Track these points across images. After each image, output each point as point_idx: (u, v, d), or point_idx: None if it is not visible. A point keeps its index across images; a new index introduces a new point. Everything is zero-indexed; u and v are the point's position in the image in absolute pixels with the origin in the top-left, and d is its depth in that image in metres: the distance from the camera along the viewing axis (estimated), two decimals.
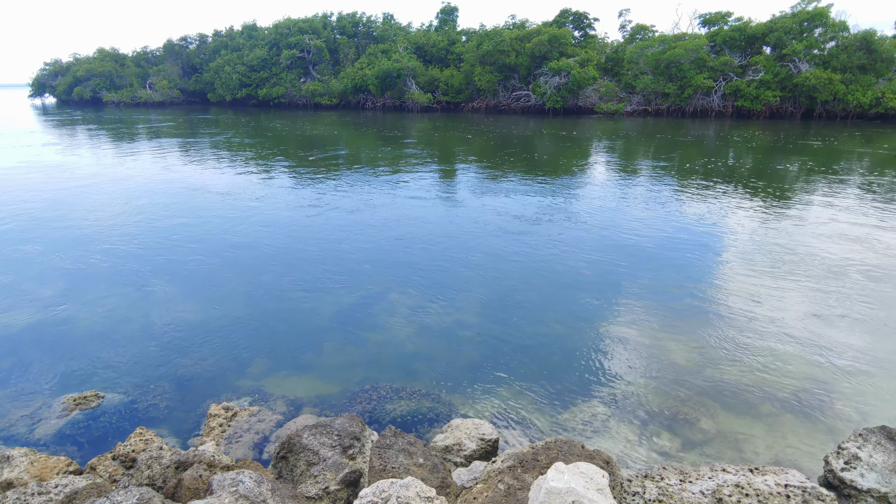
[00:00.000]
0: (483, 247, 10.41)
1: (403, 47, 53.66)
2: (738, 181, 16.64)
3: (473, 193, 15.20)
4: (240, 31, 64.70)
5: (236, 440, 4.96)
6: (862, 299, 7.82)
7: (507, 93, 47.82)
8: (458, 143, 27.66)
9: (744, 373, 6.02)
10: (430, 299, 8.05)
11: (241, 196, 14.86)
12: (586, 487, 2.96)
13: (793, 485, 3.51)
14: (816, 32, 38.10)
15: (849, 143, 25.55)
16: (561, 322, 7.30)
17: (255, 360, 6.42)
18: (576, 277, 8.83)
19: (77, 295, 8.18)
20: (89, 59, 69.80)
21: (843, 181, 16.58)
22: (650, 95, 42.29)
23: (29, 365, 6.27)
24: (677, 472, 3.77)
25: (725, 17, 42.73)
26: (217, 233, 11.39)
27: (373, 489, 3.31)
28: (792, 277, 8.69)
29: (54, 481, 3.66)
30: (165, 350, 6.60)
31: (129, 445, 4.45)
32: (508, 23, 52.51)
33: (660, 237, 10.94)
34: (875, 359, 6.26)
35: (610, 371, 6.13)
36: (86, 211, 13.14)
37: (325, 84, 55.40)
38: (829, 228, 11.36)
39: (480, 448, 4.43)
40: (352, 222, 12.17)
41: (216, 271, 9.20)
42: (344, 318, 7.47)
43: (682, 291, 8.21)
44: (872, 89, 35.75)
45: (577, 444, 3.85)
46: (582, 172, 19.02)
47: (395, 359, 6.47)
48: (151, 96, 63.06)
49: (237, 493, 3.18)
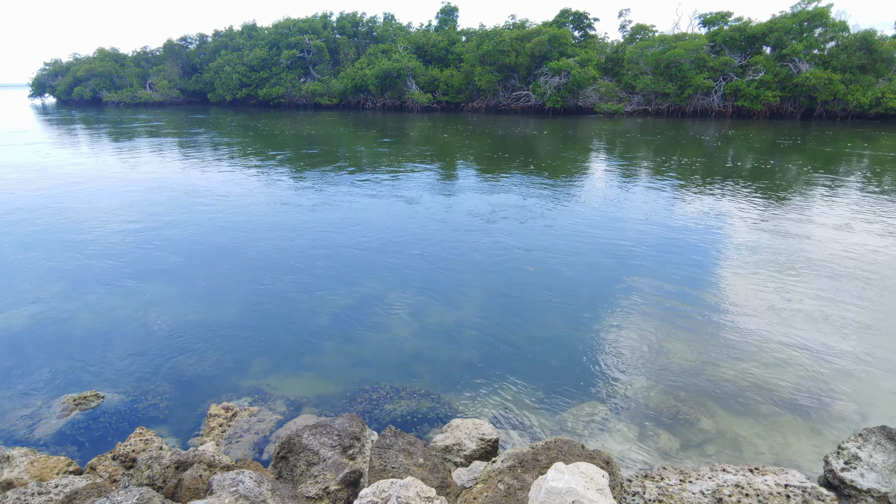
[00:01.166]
0: (483, 246, 10.41)
1: (403, 47, 53.66)
2: (737, 181, 16.63)
3: (473, 193, 15.20)
4: (240, 31, 64.74)
5: (236, 440, 4.96)
6: (862, 299, 7.82)
7: (507, 93, 47.83)
8: (457, 143, 27.66)
9: (744, 373, 6.02)
10: (429, 299, 8.05)
11: (241, 196, 14.87)
12: (586, 487, 2.96)
13: (793, 485, 3.51)
14: (816, 32, 38.12)
15: (849, 143, 25.55)
16: (561, 322, 7.30)
17: (255, 360, 6.42)
18: (576, 277, 8.83)
19: (77, 295, 8.18)
20: (89, 59, 69.85)
21: (843, 181, 16.59)
22: (650, 95, 42.31)
23: (29, 365, 6.27)
24: (677, 472, 3.77)
25: (725, 17, 42.75)
26: (217, 233, 11.39)
27: (373, 489, 3.31)
28: (792, 277, 8.69)
29: (54, 481, 3.66)
30: (165, 350, 6.60)
31: (129, 445, 4.46)
32: (508, 23, 52.56)
33: (659, 237, 10.94)
34: (875, 359, 6.26)
35: (610, 371, 6.14)
36: (84, 211, 13.14)
37: (325, 84, 55.42)
38: (829, 228, 11.36)
39: (480, 448, 4.43)
40: (352, 222, 12.17)
41: (216, 271, 9.20)
42: (344, 318, 7.47)
43: (681, 291, 8.21)
44: (872, 89, 35.77)
45: (577, 444, 3.85)
46: (581, 173, 19.02)
47: (395, 359, 6.47)
48: (151, 96, 63.08)
49: (237, 493, 3.18)
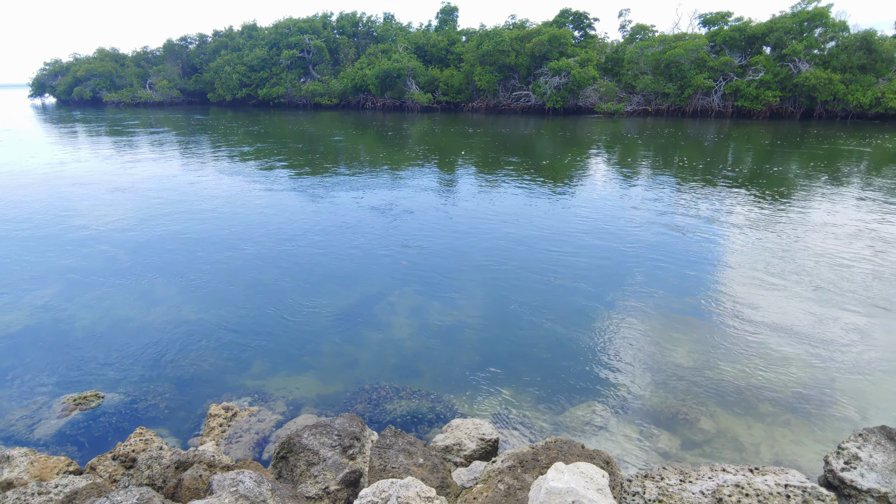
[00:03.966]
0: (482, 246, 10.41)
1: (403, 47, 53.66)
2: (737, 181, 16.63)
3: (473, 194, 15.20)
4: (240, 31, 64.76)
5: (236, 440, 4.96)
6: (861, 299, 7.82)
7: (507, 93, 47.82)
8: (457, 143, 27.65)
9: (744, 373, 6.02)
10: (429, 299, 8.05)
11: (241, 196, 14.86)
12: (586, 487, 2.96)
13: (793, 485, 3.51)
14: (816, 32, 38.12)
15: (849, 143, 25.54)
16: (561, 322, 7.30)
17: (255, 360, 6.42)
18: (576, 278, 8.83)
19: (77, 295, 8.18)
20: (89, 59, 69.85)
21: (843, 181, 16.58)
22: (650, 95, 42.31)
23: (29, 365, 6.27)
24: (677, 472, 3.77)
25: (725, 17, 42.75)
26: (217, 233, 11.39)
27: (373, 489, 3.31)
28: (792, 277, 8.69)
29: (54, 481, 3.66)
30: (165, 350, 6.60)
31: (129, 445, 4.45)
32: (508, 23, 52.56)
33: (659, 237, 10.94)
34: (875, 359, 6.26)
35: (610, 371, 6.14)
36: (84, 211, 13.14)
37: (325, 84, 55.42)
38: (829, 228, 11.36)
39: (480, 448, 4.43)
40: (352, 222, 12.17)
41: (216, 271, 9.20)
42: (344, 318, 7.46)
43: (681, 291, 8.21)
44: (872, 89, 35.76)
45: (577, 444, 3.85)
46: (581, 172, 19.02)
47: (395, 359, 6.47)
48: (151, 96, 63.08)
49: (237, 493, 3.18)
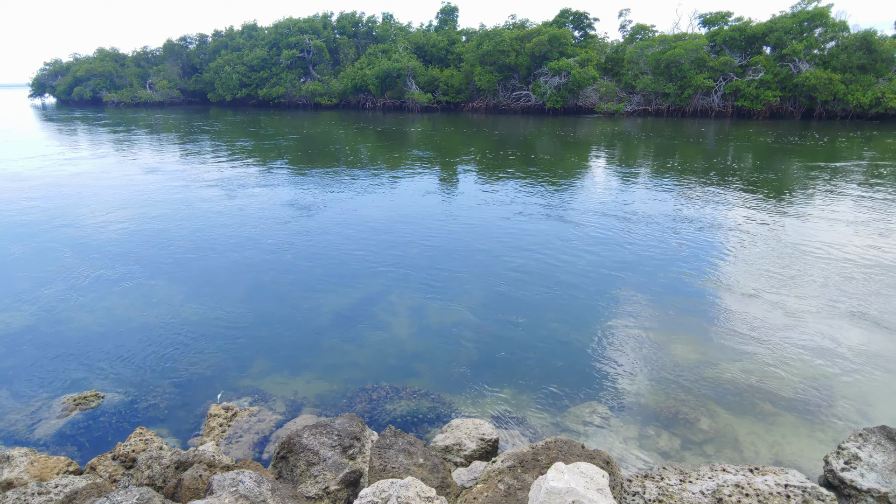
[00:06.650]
0: (482, 246, 10.41)
1: (403, 47, 53.65)
2: (738, 181, 16.63)
3: (473, 193, 15.20)
4: (240, 31, 64.75)
5: (236, 440, 4.96)
6: (861, 299, 7.82)
7: (507, 93, 47.81)
8: (457, 143, 27.65)
9: (744, 373, 6.02)
10: (429, 299, 8.05)
11: (240, 196, 14.86)
12: (586, 487, 2.96)
13: (793, 485, 3.51)
14: (816, 32, 38.11)
15: (849, 143, 25.54)
16: (561, 322, 7.30)
17: (255, 360, 6.42)
18: (576, 277, 8.82)
19: (77, 295, 8.18)
20: (89, 59, 69.83)
21: (843, 181, 16.58)
22: (650, 95, 42.29)
23: (29, 365, 6.27)
24: (677, 472, 3.77)
25: (725, 17, 42.74)
26: (216, 233, 11.39)
27: (373, 489, 3.31)
28: (792, 277, 8.69)
29: (54, 481, 3.66)
30: (165, 350, 6.60)
31: (129, 445, 4.45)
32: (508, 23, 52.54)
33: (659, 237, 10.94)
34: (875, 359, 6.26)
35: (610, 371, 6.14)
36: (84, 211, 13.14)
37: (325, 84, 55.41)
38: (829, 228, 11.36)
39: (480, 448, 4.43)
40: (352, 222, 12.17)
41: (216, 271, 9.20)
42: (344, 318, 7.46)
43: (681, 291, 8.21)
44: (872, 89, 35.76)
45: (577, 444, 3.85)
46: (582, 172, 19.02)
47: (395, 359, 6.47)
48: (151, 96, 63.08)
49: (237, 493, 3.18)
